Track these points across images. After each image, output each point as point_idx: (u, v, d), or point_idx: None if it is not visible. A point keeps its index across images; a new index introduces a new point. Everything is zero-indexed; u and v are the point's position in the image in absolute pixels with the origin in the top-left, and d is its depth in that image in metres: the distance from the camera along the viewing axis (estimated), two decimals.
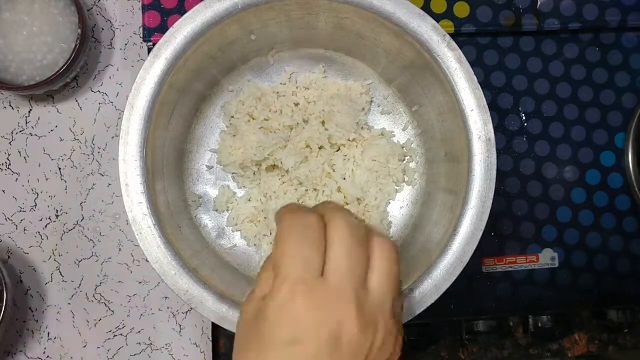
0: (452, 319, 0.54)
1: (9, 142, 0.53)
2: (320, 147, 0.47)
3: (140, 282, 0.53)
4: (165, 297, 0.53)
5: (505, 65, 0.54)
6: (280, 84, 0.48)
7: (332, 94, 0.47)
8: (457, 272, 0.38)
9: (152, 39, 0.50)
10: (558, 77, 0.54)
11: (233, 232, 0.48)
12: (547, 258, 0.53)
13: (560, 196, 0.54)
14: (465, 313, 0.53)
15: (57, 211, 0.53)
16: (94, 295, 0.53)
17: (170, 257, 0.39)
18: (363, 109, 0.48)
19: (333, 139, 0.46)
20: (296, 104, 0.48)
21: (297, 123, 0.47)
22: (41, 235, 0.53)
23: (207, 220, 0.48)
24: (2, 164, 0.53)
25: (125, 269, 0.53)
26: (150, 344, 0.53)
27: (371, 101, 0.49)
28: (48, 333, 0.53)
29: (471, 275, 0.52)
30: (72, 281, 0.53)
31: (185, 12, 0.41)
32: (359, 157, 0.47)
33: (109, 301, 0.53)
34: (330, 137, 0.46)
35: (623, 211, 0.54)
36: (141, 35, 0.52)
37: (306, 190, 0.47)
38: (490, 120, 0.39)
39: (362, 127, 0.47)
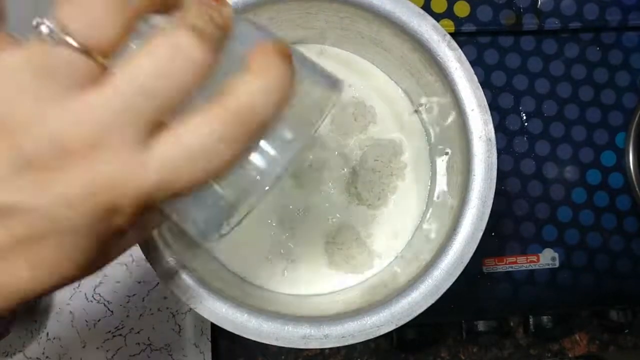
0: (452, 320, 0.54)
1: None
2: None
3: (139, 283, 0.53)
4: (165, 297, 0.53)
5: (506, 65, 0.54)
6: None
7: None
8: (458, 273, 0.38)
9: None
10: (559, 76, 0.54)
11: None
12: (547, 258, 0.53)
13: (561, 196, 0.53)
14: (466, 313, 0.53)
15: None
16: (93, 296, 0.53)
17: (170, 257, 0.39)
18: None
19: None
20: None
21: None
22: None
23: None
24: None
25: (124, 269, 0.53)
26: (150, 344, 0.53)
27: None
28: (47, 333, 0.53)
29: (471, 275, 0.52)
30: None
31: None
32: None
33: (108, 301, 0.53)
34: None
35: (624, 211, 0.54)
36: None
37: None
38: (491, 120, 0.39)
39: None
